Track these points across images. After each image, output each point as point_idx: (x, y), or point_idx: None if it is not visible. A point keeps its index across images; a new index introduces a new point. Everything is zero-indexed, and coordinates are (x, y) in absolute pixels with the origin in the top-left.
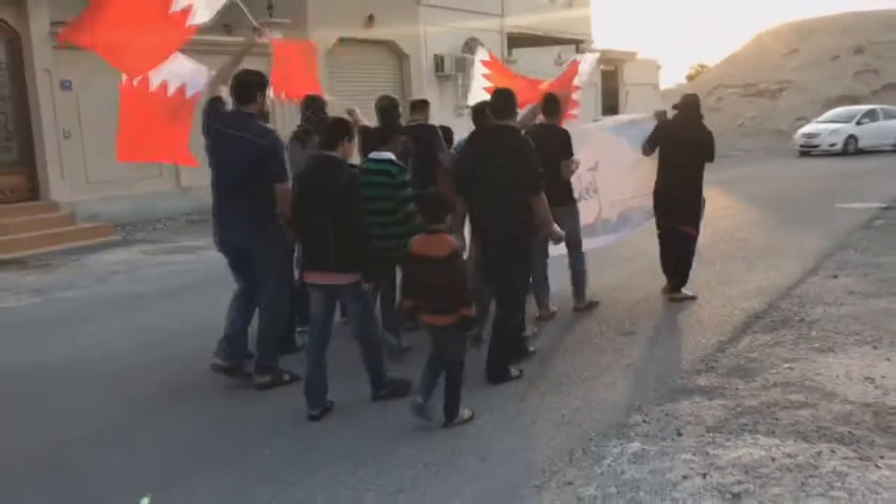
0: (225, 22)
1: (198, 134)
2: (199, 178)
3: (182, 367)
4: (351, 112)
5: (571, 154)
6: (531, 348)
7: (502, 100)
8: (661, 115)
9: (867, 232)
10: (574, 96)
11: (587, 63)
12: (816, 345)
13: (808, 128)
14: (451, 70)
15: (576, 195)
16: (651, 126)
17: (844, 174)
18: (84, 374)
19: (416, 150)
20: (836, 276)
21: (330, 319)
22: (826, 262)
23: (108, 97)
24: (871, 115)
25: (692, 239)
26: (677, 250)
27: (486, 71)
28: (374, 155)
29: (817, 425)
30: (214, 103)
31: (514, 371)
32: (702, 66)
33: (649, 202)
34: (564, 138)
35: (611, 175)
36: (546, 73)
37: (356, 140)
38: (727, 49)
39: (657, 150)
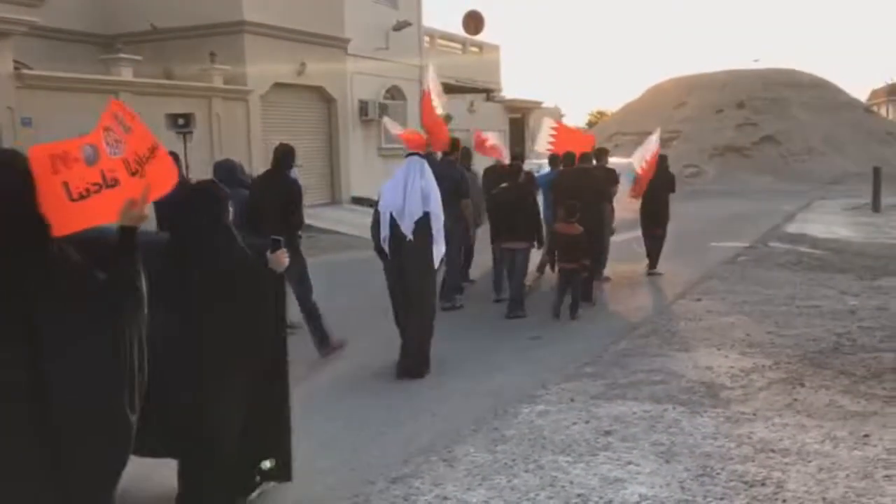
0: (166, 67)
1: None
2: None
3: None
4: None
5: (617, 182)
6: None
7: (601, 153)
8: None
9: (731, 266)
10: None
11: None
12: (676, 347)
13: None
14: (374, 114)
15: None
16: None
17: (720, 217)
18: None
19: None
20: (699, 300)
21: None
22: (694, 289)
23: (66, 133)
24: None
25: (662, 237)
26: (654, 244)
27: (551, 133)
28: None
29: (667, 394)
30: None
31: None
32: (600, 113)
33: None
34: (613, 175)
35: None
36: (460, 120)
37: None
38: (623, 98)
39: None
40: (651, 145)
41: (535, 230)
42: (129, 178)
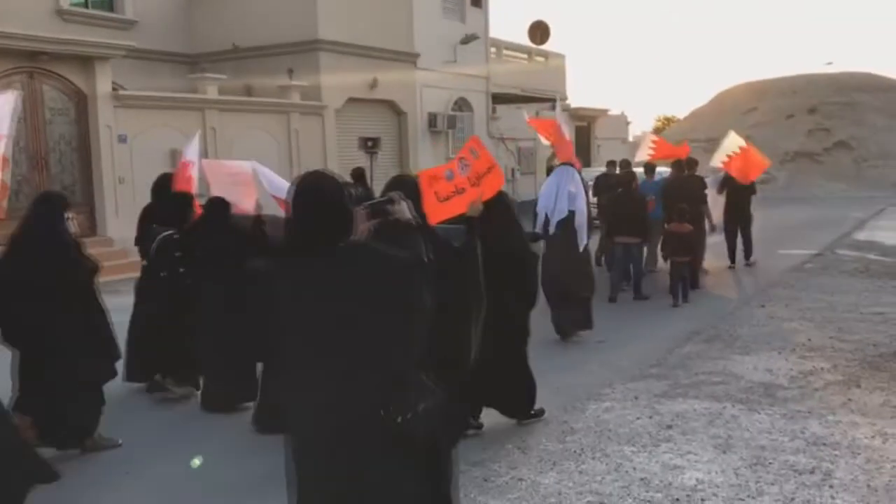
0: (246, 83)
1: None
2: None
3: None
4: None
5: (706, 188)
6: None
7: (692, 163)
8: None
9: (796, 273)
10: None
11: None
12: (738, 350)
13: None
14: (442, 126)
15: None
16: (721, 175)
17: (790, 224)
18: None
19: None
20: (763, 306)
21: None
22: (758, 296)
23: (157, 148)
24: None
25: (748, 234)
26: (740, 239)
27: (651, 144)
28: None
29: (726, 393)
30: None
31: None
32: (668, 119)
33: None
34: (702, 182)
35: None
36: (524, 129)
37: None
38: (691, 104)
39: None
40: (731, 143)
41: (645, 228)
42: (471, 187)
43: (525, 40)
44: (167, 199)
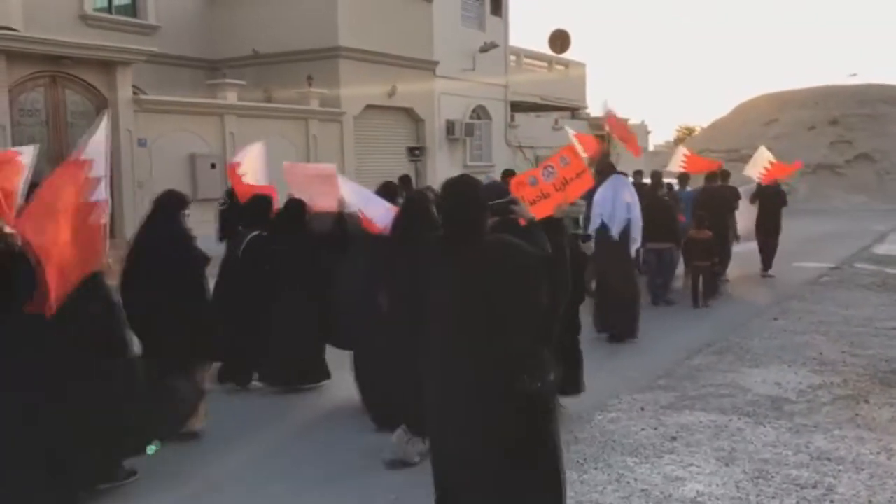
0: (265, 89)
1: None
2: None
3: None
4: None
5: (739, 198)
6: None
7: (725, 174)
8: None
9: (812, 286)
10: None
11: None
12: (748, 363)
13: None
14: (460, 134)
15: None
16: (753, 187)
17: (808, 237)
18: None
19: None
20: (776, 319)
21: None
22: (772, 308)
23: (176, 153)
24: None
25: (775, 244)
26: (768, 250)
27: (683, 158)
28: None
29: (733, 406)
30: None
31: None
32: (688, 129)
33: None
34: (736, 192)
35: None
36: (543, 137)
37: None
38: (712, 114)
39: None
40: (762, 158)
41: (676, 234)
42: (555, 192)
43: (545, 49)
44: (248, 204)
